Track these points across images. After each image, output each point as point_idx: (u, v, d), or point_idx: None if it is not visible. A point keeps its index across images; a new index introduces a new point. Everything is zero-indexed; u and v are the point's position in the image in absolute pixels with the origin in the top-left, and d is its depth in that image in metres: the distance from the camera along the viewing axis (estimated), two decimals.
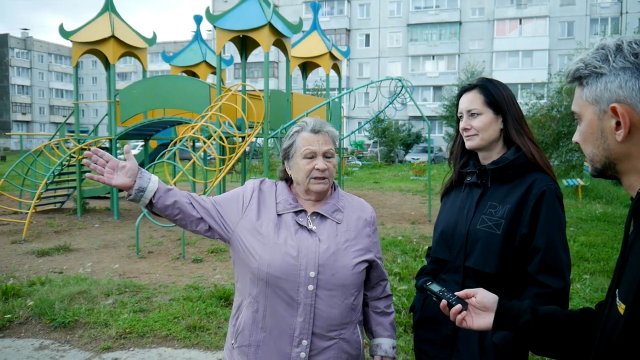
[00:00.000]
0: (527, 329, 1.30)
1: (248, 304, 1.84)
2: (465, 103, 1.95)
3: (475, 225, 1.85)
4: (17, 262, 7.30)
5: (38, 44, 76.76)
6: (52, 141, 11.99)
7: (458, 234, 1.89)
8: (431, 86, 48.12)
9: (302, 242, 1.83)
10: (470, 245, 1.85)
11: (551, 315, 1.30)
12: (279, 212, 1.89)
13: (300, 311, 1.79)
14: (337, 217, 1.92)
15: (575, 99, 1.11)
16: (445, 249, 1.94)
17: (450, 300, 1.40)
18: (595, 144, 1.08)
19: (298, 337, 1.80)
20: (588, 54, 1.07)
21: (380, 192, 16.57)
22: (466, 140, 1.95)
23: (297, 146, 1.89)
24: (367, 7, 50.42)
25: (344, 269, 1.84)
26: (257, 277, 1.82)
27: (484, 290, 1.39)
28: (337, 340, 1.86)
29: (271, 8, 9.68)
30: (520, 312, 1.32)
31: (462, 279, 1.86)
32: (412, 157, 34.29)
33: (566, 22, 44.36)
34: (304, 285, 1.79)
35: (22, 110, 74.52)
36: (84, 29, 11.38)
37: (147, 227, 9.62)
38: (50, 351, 4.33)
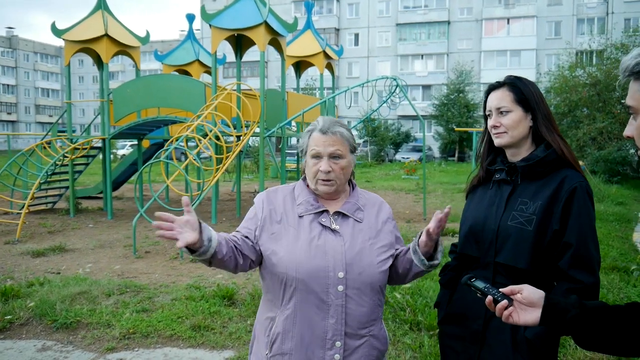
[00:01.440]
0: (575, 323, 1.31)
1: (280, 312, 1.83)
2: (494, 101, 1.94)
3: (506, 221, 1.85)
4: (12, 262, 7.21)
5: (23, 42, 75.86)
6: (43, 140, 11.86)
7: (488, 230, 1.89)
8: (420, 85, 48.32)
9: (328, 242, 1.83)
10: (500, 241, 1.85)
11: (600, 309, 1.31)
12: (300, 214, 1.88)
13: (332, 313, 1.79)
14: (359, 216, 1.92)
15: (632, 93, 1.10)
16: (474, 245, 1.94)
17: (496, 296, 1.41)
18: None
19: (331, 340, 1.79)
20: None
21: (372, 191, 16.49)
22: (495, 138, 1.94)
23: (308, 146, 1.90)
24: (356, 7, 50.50)
25: (370, 266, 1.84)
26: (286, 284, 1.80)
27: (529, 286, 1.40)
28: (368, 337, 1.86)
29: (267, 7, 9.65)
30: (568, 306, 1.33)
31: (492, 274, 1.86)
32: (402, 156, 34.44)
33: (553, 22, 44.78)
34: (334, 286, 1.78)
35: (7, 109, 73.60)
36: (77, 27, 11.26)
37: (143, 227, 9.55)
38: (54, 352, 4.28)
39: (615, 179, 16.07)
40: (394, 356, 4.03)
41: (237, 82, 10.25)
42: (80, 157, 12.10)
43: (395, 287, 5.30)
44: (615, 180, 16.02)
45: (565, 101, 18.32)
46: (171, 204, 13.05)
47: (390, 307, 4.89)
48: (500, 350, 1.82)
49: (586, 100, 18.13)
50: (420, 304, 4.90)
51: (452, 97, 37.41)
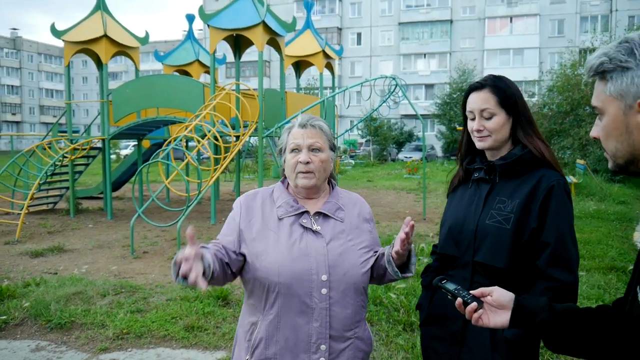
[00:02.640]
0: (544, 326, 1.30)
1: (263, 317, 1.80)
2: (477, 102, 1.89)
3: (485, 220, 1.84)
4: (11, 263, 7.23)
5: (27, 43, 76.15)
6: (44, 141, 11.89)
7: (466, 230, 1.88)
8: (423, 84, 48.23)
9: (310, 244, 1.80)
10: (479, 240, 1.84)
11: (569, 312, 1.30)
12: (280, 217, 1.85)
13: (316, 316, 1.76)
14: (340, 216, 1.90)
15: (597, 93, 1.09)
16: (453, 244, 1.93)
17: (466, 298, 1.40)
18: (619, 140, 1.05)
19: (316, 343, 1.77)
20: (611, 48, 1.04)
21: (374, 190, 16.58)
22: (478, 141, 1.91)
23: (285, 141, 1.89)
24: (358, 6, 50.45)
25: (353, 267, 1.82)
26: (268, 289, 1.77)
27: (500, 288, 1.39)
28: (353, 339, 1.84)
29: (265, 7, 9.65)
30: (537, 309, 1.32)
31: (471, 274, 1.85)
32: (404, 156, 34.39)
33: (556, 20, 44.62)
34: (317, 289, 1.76)
35: (11, 110, 73.91)
36: (76, 28, 11.29)
37: (142, 227, 9.57)
38: (47, 352, 4.29)
39: (617, 178, 16.00)
40: (386, 357, 4.03)
41: (236, 82, 10.25)
42: (81, 158, 12.12)
43: (390, 287, 5.29)
44: (617, 179, 15.95)
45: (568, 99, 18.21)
46: (171, 204, 13.08)
47: (384, 308, 4.88)
48: (479, 350, 1.81)
49: (588, 99, 18.06)
50: (414, 304, 4.88)
51: (454, 96, 37.31)
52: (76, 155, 11.52)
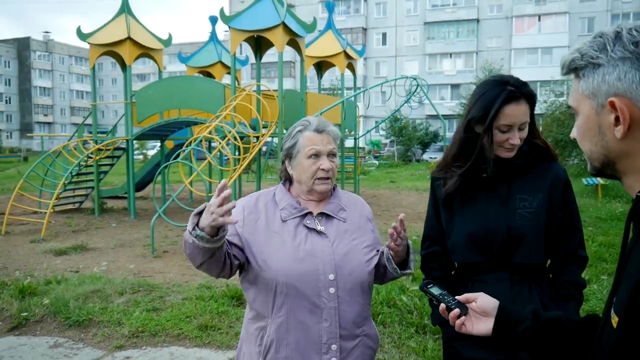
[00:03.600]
0: (528, 335, 1.25)
1: (272, 320, 1.79)
2: (519, 117, 1.81)
3: (515, 221, 1.83)
4: (35, 261, 7.42)
5: (59, 46, 77.98)
6: (70, 142, 12.15)
7: (494, 233, 1.84)
8: (448, 84, 47.78)
9: (315, 245, 1.80)
10: (513, 241, 1.83)
11: (554, 321, 1.25)
12: (284, 219, 1.84)
13: (325, 316, 1.76)
14: (342, 216, 1.91)
15: (572, 92, 1.03)
16: (477, 251, 1.87)
17: (450, 304, 1.36)
18: (592, 141, 0.99)
19: (326, 343, 1.77)
20: (585, 43, 0.98)
21: (396, 191, 16.49)
22: (507, 152, 1.85)
23: (301, 146, 1.86)
24: (383, 6, 50.26)
25: (359, 266, 1.83)
26: (276, 291, 1.76)
27: (485, 294, 1.36)
28: (362, 337, 1.85)
29: (285, 7, 9.69)
30: (521, 318, 1.28)
31: (509, 274, 1.86)
32: (429, 157, 34.11)
33: (586, 18, 43.70)
34: (325, 289, 1.76)
35: (43, 111, 75.80)
36: (101, 31, 11.52)
37: (163, 227, 9.70)
38: (65, 349, 4.38)
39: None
40: (397, 359, 4.00)
41: (257, 83, 10.31)
42: (105, 158, 12.35)
43: (404, 289, 5.26)
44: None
45: None
46: (194, 204, 13.22)
47: (397, 310, 4.85)
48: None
49: None
50: (427, 307, 4.83)
51: None
52: (100, 156, 11.75)
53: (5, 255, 7.78)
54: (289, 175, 1.94)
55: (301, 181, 1.88)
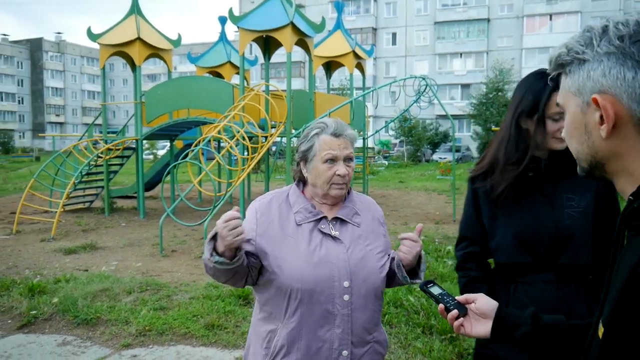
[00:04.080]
0: (526, 339, 1.23)
1: (283, 325, 1.77)
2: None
3: (563, 221, 1.80)
4: (45, 259, 7.48)
5: (71, 47, 78.64)
6: (80, 142, 12.25)
7: (542, 233, 1.81)
8: (459, 84, 47.58)
9: (330, 251, 1.77)
10: (561, 242, 1.79)
11: (553, 326, 1.23)
12: (298, 222, 1.81)
13: (338, 322, 1.74)
14: (357, 221, 1.88)
15: (560, 89, 0.98)
16: (525, 251, 1.84)
17: (449, 304, 1.34)
18: (579, 140, 0.94)
19: (337, 350, 1.75)
20: (573, 38, 0.93)
21: (405, 191, 16.45)
22: (558, 143, 1.80)
23: (317, 149, 1.81)
24: (393, 6, 50.12)
25: (373, 273, 1.80)
26: (290, 296, 1.74)
27: (484, 296, 1.33)
28: (372, 343, 1.84)
29: (293, 7, 9.70)
30: (519, 321, 1.25)
31: (555, 276, 1.82)
32: (439, 157, 34.00)
33: (598, 17, 43.23)
34: (340, 296, 1.73)
35: (55, 112, 76.49)
36: (111, 31, 11.60)
37: (172, 226, 9.75)
38: (73, 347, 4.41)
39: None
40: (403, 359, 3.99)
41: (265, 83, 10.33)
42: (115, 158, 12.43)
43: (411, 290, 5.24)
44: None
45: None
46: (203, 203, 13.28)
47: (404, 310, 4.83)
48: None
49: None
50: (434, 307, 4.82)
51: (490, 96, 36.65)
52: (110, 156, 11.82)
53: (16, 254, 7.86)
54: (303, 177, 1.91)
55: (316, 185, 1.85)
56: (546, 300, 1.73)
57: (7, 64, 72.18)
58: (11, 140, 53.28)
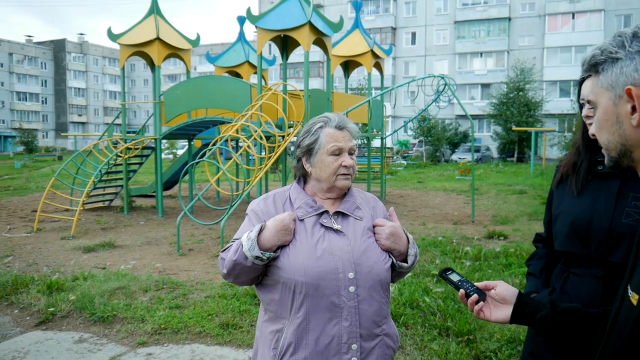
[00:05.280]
0: (544, 323, 1.32)
1: (290, 322, 1.76)
2: (587, 89, 1.81)
3: (620, 219, 1.75)
4: (64, 257, 7.57)
5: (93, 47, 79.82)
6: (100, 141, 12.39)
7: (597, 227, 1.78)
8: (479, 84, 47.09)
9: (333, 243, 1.78)
10: (614, 239, 1.75)
11: (571, 312, 1.31)
12: (300, 218, 1.82)
13: (345, 315, 1.74)
14: (358, 214, 1.89)
15: (591, 87, 1.09)
16: (579, 242, 1.83)
17: (468, 290, 1.42)
18: (610, 131, 1.05)
19: (347, 343, 1.75)
20: (605, 42, 1.06)
21: (423, 191, 16.32)
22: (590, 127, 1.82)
23: (322, 142, 1.84)
24: (413, 5, 49.82)
25: (377, 264, 1.81)
26: (295, 291, 1.74)
27: (504, 282, 1.41)
28: (382, 336, 1.83)
29: (311, 7, 9.67)
30: (539, 306, 1.34)
31: (604, 273, 1.77)
32: (458, 157, 33.72)
33: (622, 15, 42.49)
34: (345, 287, 1.74)
35: (78, 112, 77.73)
36: (131, 31, 11.70)
37: (190, 225, 9.80)
38: (89, 344, 4.44)
39: None
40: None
41: (283, 82, 10.32)
42: (134, 157, 12.55)
43: (428, 290, 5.17)
44: None
45: None
46: (221, 203, 13.33)
47: (420, 311, 4.77)
48: None
49: None
50: (451, 309, 4.75)
51: (511, 96, 36.21)
52: (129, 155, 11.93)
53: (37, 251, 7.97)
54: (305, 173, 1.92)
55: (321, 178, 1.86)
56: (591, 295, 1.72)
57: (31, 64, 73.55)
58: (35, 140, 54.25)
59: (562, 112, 39.13)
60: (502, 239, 8.50)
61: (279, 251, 1.75)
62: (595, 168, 1.85)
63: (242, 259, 1.72)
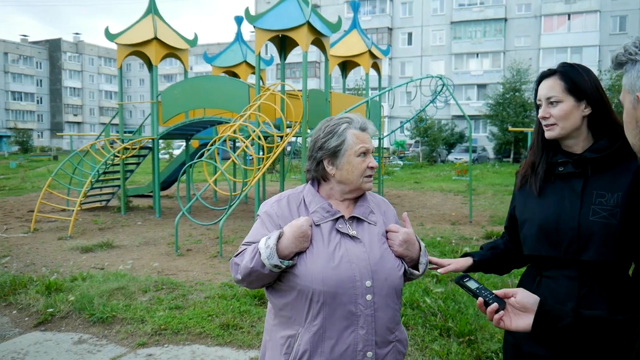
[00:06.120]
0: (568, 332, 1.26)
1: (305, 329, 1.72)
2: (544, 90, 1.84)
3: (587, 217, 1.75)
4: (62, 257, 7.53)
5: (89, 47, 79.56)
6: (97, 141, 12.34)
7: (565, 228, 1.78)
8: (475, 85, 47.22)
9: (350, 250, 1.74)
10: (583, 238, 1.75)
11: (596, 319, 1.25)
12: (316, 223, 1.78)
13: (362, 323, 1.72)
14: (372, 219, 1.85)
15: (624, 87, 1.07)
16: (548, 245, 1.82)
17: (487, 298, 1.36)
18: (633, 134, 1.02)
19: (362, 351, 1.72)
20: (629, 41, 1.03)
21: (420, 192, 16.34)
22: (546, 130, 1.84)
23: (350, 144, 1.80)
24: (409, 5, 49.89)
25: (392, 271, 1.78)
26: (312, 299, 1.70)
27: (524, 290, 1.36)
28: (394, 343, 1.81)
29: (310, 7, 9.66)
30: (562, 314, 1.29)
31: (578, 273, 1.77)
32: (454, 157, 33.77)
33: (618, 16, 42.68)
34: (362, 296, 1.71)
35: (73, 111, 77.46)
36: (128, 31, 11.67)
37: (187, 226, 9.78)
38: (88, 345, 4.42)
39: None
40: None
41: (281, 82, 10.31)
42: (132, 157, 12.51)
43: (428, 291, 5.17)
44: None
45: None
46: (219, 203, 13.31)
47: (420, 312, 4.77)
48: None
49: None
50: (452, 309, 4.75)
51: (507, 97, 36.31)
52: (126, 155, 11.90)
53: (34, 252, 7.93)
54: (324, 175, 1.87)
55: (347, 181, 1.82)
56: (567, 297, 1.70)
57: (26, 64, 73.24)
58: (30, 140, 54.03)
59: None
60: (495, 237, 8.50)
61: (296, 258, 1.71)
62: (557, 169, 1.85)
63: (259, 266, 1.67)
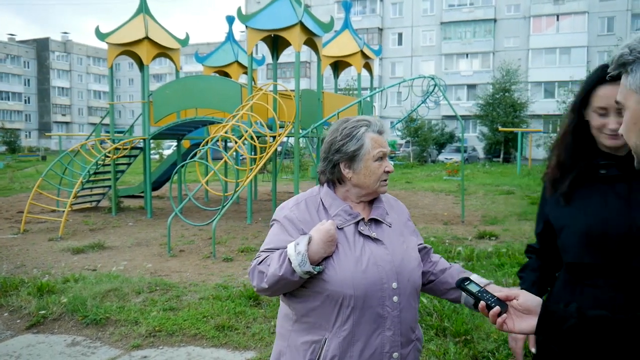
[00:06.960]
0: (573, 333, 1.24)
1: (333, 335, 1.70)
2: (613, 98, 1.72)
3: (636, 222, 1.64)
4: (53, 259, 7.46)
5: (77, 47, 78.92)
6: (88, 141, 12.24)
7: (613, 234, 1.66)
8: (465, 85, 47.45)
9: (375, 253, 1.74)
10: (636, 243, 1.63)
11: (601, 319, 1.23)
12: (339, 226, 1.75)
13: (389, 325, 1.72)
14: (389, 220, 1.85)
15: (620, 87, 1.02)
16: (593, 252, 1.70)
17: (489, 301, 1.35)
18: (638, 135, 1.00)
19: (388, 352, 1.73)
20: (635, 39, 0.97)
21: (412, 192, 16.38)
22: (607, 140, 1.69)
23: (368, 148, 1.78)
24: (399, 6, 50.02)
25: (413, 271, 1.78)
26: (342, 304, 1.68)
27: (526, 292, 1.34)
28: (415, 342, 1.82)
29: (302, 7, 9.65)
30: (566, 315, 1.26)
31: (624, 281, 1.66)
32: (445, 157, 33.90)
33: (606, 17, 43.07)
34: (389, 298, 1.71)
35: (62, 111, 76.80)
36: (119, 30, 11.59)
37: (180, 226, 9.72)
38: (82, 347, 4.37)
39: None
40: None
41: (273, 82, 10.28)
42: (122, 157, 12.42)
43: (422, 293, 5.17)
44: None
45: None
46: (210, 203, 13.25)
47: None
48: None
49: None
50: (447, 309, 4.76)
51: (497, 97, 36.53)
52: (117, 155, 11.81)
53: (24, 253, 7.84)
54: (339, 177, 1.83)
55: (364, 185, 1.80)
56: (616, 307, 1.59)
57: (13, 63, 72.51)
58: (17, 140, 53.48)
59: (547, 113, 39.57)
60: (493, 239, 8.55)
61: (324, 263, 1.68)
62: (598, 172, 1.74)
63: (289, 273, 1.63)
